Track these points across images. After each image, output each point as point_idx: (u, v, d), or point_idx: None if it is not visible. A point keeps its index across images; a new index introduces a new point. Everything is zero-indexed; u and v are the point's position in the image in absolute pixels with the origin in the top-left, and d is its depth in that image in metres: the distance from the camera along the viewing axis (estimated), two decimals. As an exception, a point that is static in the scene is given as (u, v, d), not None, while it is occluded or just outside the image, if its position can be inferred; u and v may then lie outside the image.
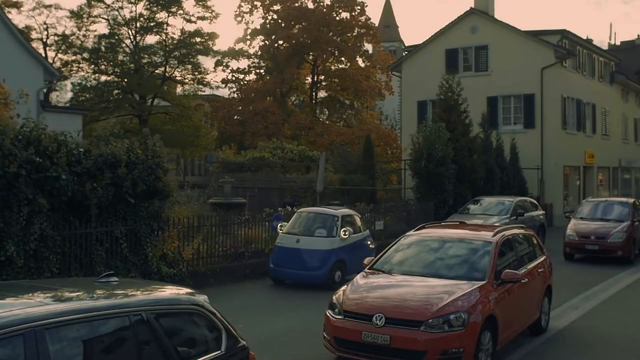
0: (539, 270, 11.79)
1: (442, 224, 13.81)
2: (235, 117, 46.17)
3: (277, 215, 17.69)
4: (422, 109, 36.22)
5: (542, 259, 12.25)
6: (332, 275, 15.37)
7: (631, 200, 23.01)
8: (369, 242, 16.97)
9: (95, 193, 13.10)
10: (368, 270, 10.65)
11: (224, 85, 48.47)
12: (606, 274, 18.43)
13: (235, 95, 48.58)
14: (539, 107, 34.58)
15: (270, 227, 17.71)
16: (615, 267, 19.57)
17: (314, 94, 48.85)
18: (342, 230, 15.84)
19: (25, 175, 11.93)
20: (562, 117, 35.19)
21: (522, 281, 10.64)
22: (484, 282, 9.69)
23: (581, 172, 38.42)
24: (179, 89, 50.32)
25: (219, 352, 5.70)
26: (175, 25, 79.48)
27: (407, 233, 11.79)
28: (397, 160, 39.34)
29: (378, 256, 11.15)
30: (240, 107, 46.19)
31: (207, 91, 49.91)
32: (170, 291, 6.04)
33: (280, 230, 16.24)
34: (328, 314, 9.60)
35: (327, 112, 50.21)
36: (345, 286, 10.08)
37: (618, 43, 63.28)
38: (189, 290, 6.14)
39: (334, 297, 9.79)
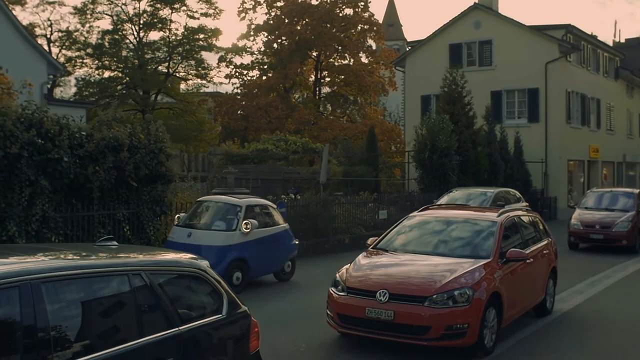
0: (544, 252, 11.71)
1: (444, 205, 13.74)
2: (239, 112, 46.10)
3: (280, 202, 17.60)
4: (425, 104, 36.12)
5: (547, 241, 12.18)
6: (228, 276, 12.55)
7: (636, 190, 22.91)
8: (286, 239, 14.74)
9: (98, 176, 13.07)
10: (371, 250, 10.58)
11: (227, 81, 48.48)
12: (611, 262, 18.33)
13: (239, 91, 48.52)
14: (543, 101, 34.46)
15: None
16: (619, 256, 19.47)
17: (317, 89, 48.78)
18: (244, 222, 13.20)
19: (27, 156, 11.89)
20: (566, 112, 35.06)
21: (527, 261, 10.57)
22: (488, 260, 9.61)
23: (585, 167, 38.29)
24: (182, 86, 50.31)
25: (220, 316, 5.62)
26: (179, 22, 79.59)
27: (411, 214, 11.72)
28: (400, 148, 39.27)
29: (382, 236, 11.08)
30: (243, 102, 46.13)
31: (211, 88, 49.94)
32: (171, 255, 5.97)
33: (176, 221, 13.88)
34: (331, 291, 9.52)
35: (330, 108, 50.12)
36: (348, 265, 10.01)
37: (623, 40, 63.21)
38: (190, 255, 6.07)
39: (337, 275, 9.72)
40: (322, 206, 19.61)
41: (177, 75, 49.81)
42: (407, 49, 42.13)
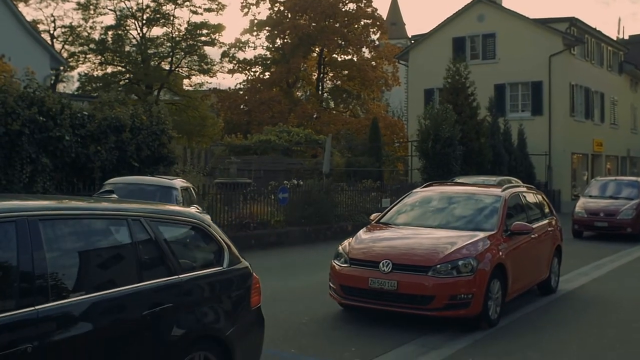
0: (549, 229, 11.62)
1: (448, 182, 13.66)
2: (242, 106, 46.04)
3: (282, 187, 17.55)
4: (428, 97, 35.94)
5: (552, 219, 12.09)
6: None
7: (640, 179, 22.81)
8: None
9: (99, 156, 13.02)
10: (374, 224, 10.49)
11: (230, 76, 48.47)
12: (616, 249, 18.21)
13: (242, 86, 48.48)
14: (546, 94, 34.34)
15: (276, 199, 17.54)
16: (624, 244, 19.33)
17: (320, 84, 48.70)
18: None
19: (29, 134, 11.85)
20: (570, 105, 34.93)
21: (532, 236, 10.49)
22: (493, 232, 9.54)
23: (589, 160, 38.15)
24: (185, 81, 50.24)
25: (221, 268, 5.55)
26: (182, 17, 79.64)
27: (414, 190, 11.63)
28: (404, 142, 39.11)
29: (384, 211, 10.99)
30: (246, 97, 46.07)
31: (214, 84, 49.93)
32: (173, 207, 5.90)
33: None
34: (334, 264, 9.44)
35: (333, 103, 50.05)
36: (351, 239, 9.93)
37: (626, 38, 63.05)
38: (195, 207, 6.01)
39: (340, 248, 9.65)
40: (325, 192, 19.52)
41: (180, 70, 49.78)
42: (411, 42, 42.01)
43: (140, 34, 47.96)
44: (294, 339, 8.15)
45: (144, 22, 47.65)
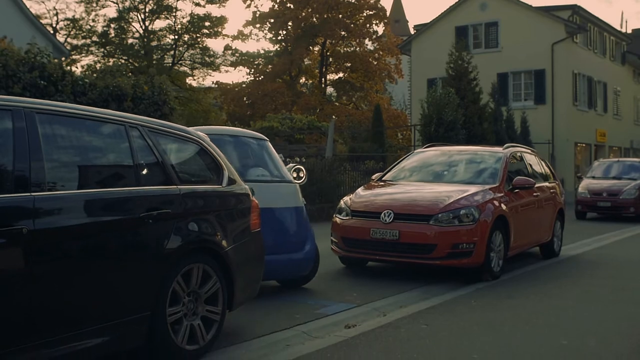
0: (551, 191, 11.57)
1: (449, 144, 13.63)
2: (245, 99, 46.03)
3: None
4: (431, 87, 35.88)
5: (554, 182, 12.06)
6: None
7: (644, 160, 22.75)
8: None
9: (101, 123, 12.96)
10: (375, 182, 10.45)
11: (233, 69, 48.42)
12: (619, 227, 18.12)
13: (244, 79, 48.51)
14: (549, 82, 34.24)
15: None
16: (628, 223, 19.23)
17: (323, 76, 48.64)
18: None
19: (30, 97, 11.80)
20: (573, 94, 34.82)
21: (534, 195, 10.46)
22: (495, 185, 9.50)
23: (592, 151, 38.03)
24: (187, 71, 50.19)
25: (219, 186, 5.52)
26: (184, 10, 79.66)
27: (416, 150, 11.59)
28: (406, 126, 38.96)
29: (385, 171, 10.97)
30: (249, 90, 46.05)
31: (217, 76, 49.95)
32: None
33: None
34: (335, 218, 9.42)
35: (336, 94, 50.00)
36: (351, 194, 9.91)
37: (629, 31, 62.93)
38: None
39: (341, 202, 9.64)
40: (327, 171, 19.47)
41: (183, 63, 49.79)
42: (414, 32, 41.92)
43: (143, 27, 48.04)
44: (294, 289, 8.07)
45: (147, 14, 47.70)
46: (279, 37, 47.07)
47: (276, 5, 45.90)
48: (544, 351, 5.36)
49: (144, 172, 4.82)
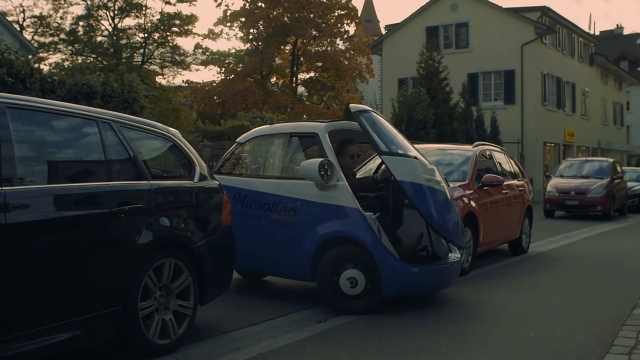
0: (520, 189, 11.72)
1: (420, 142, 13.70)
2: (215, 97, 45.85)
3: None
4: (402, 87, 36.07)
5: (522, 180, 12.22)
6: None
7: (610, 159, 23.10)
8: None
9: (70, 120, 12.87)
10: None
11: (204, 68, 48.16)
12: (587, 225, 18.40)
13: (215, 78, 48.33)
14: (519, 83, 34.65)
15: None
16: (594, 222, 19.53)
17: (294, 75, 48.63)
18: None
19: (-2, 94, 11.69)
20: (542, 94, 35.27)
21: (503, 192, 10.59)
22: (464, 182, 9.61)
23: (561, 150, 38.52)
24: (158, 79, 49.81)
25: (190, 182, 5.54)
26: (154, 8, 79.15)
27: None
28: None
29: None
30: (220, 89, 45.88)
31: (187, 75, 49.65)
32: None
33: None
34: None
35: (307, 93, 50.01)
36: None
37: (597, 33, 63.85)
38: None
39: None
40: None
41: (153, 62, 49.44)
42: (385, 32, 42.14)
43: (112, 25, 47.56)
44: (264, 285, 8.10)
45: (116, 12, 47.23)
46: (250, 36, 46.91)
47: (247, 4, 45.76)
48: (511, 342, 5.46)
49: (116, 167, 4.83)
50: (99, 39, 47.40)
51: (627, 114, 53.84)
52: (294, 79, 48.72)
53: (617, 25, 73.82)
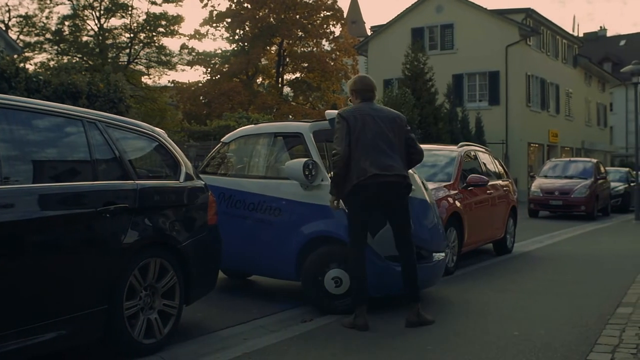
0: (504, 189, 11.79)
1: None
2: (201, 98, 45.78)
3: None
4: (388, 87, 36.16)
5: (507, 180, 12.30)
6: None
7: (594, 160, 23.29)
8: None
9: (55, 120, 12.82)
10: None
11: (190, 68, 48.04)
12: (570, 225, 18.54)
13: (201, 78, 48.20)
14: (503, 84, 34.86)
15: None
16: (578, 222, 19.68)
17: (280, 76, 48.62)
18: None
19: (-19, 94, 11.63)
20: (526, 95, 35.49)
21: (488, 192, 10.65)
22: (449, 183, 9.66)
23: (545, 151, 38.76)
24: (144, 79, 49.62)
25: (176, 182, 5.54)
26: (141, 8, 78.88)
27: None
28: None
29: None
30: (205, 89, 45.82)
31: (173, 75, 49.48)
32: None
33: None
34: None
35: (293, 94, 50.03)
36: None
37: (581, 35, 64.26)
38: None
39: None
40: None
41: (139, 62, 49.26)
42: (370, 33, 42.24)
43: (98, 25, 47.33)
44: (249, 285, 8.11)
45: (102, 12, 47.02)
46: (236, 37, 46.88)
47: (233, 5, 45.71)
48: (495, 341, 5.49)
49: (101, 167, 4.83)
50: (84, 38, 47.14)
51: (611, 115, 54.27)
52: (280, 79, 48.74)
53: (601, 27, 74.54)
